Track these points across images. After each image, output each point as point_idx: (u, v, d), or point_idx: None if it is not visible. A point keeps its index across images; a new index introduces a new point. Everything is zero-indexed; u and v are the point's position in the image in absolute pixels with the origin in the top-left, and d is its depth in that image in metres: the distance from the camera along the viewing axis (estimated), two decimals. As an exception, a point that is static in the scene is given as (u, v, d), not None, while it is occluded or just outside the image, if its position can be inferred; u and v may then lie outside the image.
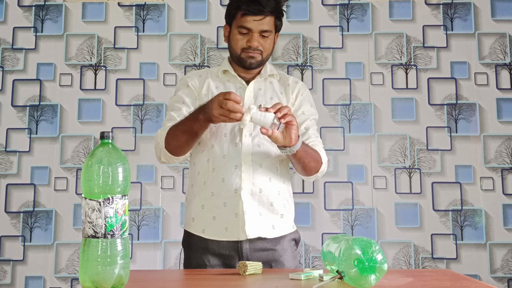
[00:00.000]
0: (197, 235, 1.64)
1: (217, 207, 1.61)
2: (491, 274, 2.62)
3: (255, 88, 1.72)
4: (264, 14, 1.63)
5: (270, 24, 1.66)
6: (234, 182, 1.60)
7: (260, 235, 1.60)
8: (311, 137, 1.70)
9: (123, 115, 2.75)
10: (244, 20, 1.64)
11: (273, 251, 1.62)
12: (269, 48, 1.69)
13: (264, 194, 1.62)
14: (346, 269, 1.03)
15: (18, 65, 2.77)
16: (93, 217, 1.04)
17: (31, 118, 2.74)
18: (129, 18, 2.82)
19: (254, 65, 1.68)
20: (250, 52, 1.66)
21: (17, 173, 2.69)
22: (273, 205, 1.63)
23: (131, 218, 2.67)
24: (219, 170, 1.62)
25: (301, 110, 1.73)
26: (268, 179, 1.64)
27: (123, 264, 1.04)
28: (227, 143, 1.63)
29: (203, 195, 1.65)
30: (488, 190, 2.68)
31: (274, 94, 1.72)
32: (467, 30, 2.79)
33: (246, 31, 1.65)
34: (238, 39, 1.67)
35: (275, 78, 1.77)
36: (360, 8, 2.82)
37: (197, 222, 1.65)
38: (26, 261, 2.64)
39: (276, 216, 1.64)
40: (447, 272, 1.36)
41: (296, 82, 1.79)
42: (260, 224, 1.60)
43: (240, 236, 1.58)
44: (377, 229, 2.66)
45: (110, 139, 1.08)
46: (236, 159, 1.61)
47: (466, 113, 2.73)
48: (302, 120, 1.72)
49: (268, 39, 1.67)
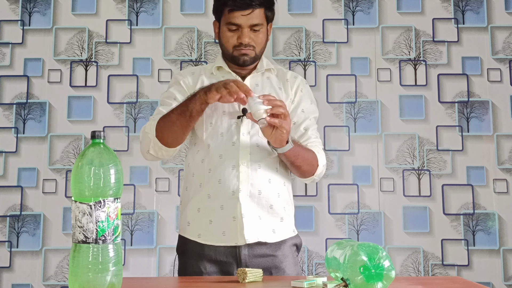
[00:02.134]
0: (192, 240, 1.64)
1: (214, 210, 1.61)
2: (505, 281, 2.63)
3: (251, 84, 1.71)
4: (252, 7, 1.62)
5: (260, 17, 1.65)
6: (231, 183, 1.60)
7: (260, 239, 1.59)
8: (310, 138, 1.70)
9: (115, 113, 2.75)
10: (232, 16, 1.63)
11: (273, 257, 1.62)
12: (262, 42, 1.69)
13: (264, 196, 1.62)
14: (351, 276, 1.03)
15: (4, 61, 2.77)
16: (83, 222, 1.04)
17: (18, 117, 2.74)
18: (121, 11, 2.82)
19: (248, 62, 1.69)
20: (242, 49, 1.65)
21: (3, 175, 2.70)
22: (273, 208, 1.63)
23: (124, 223, 2.67)
24: (215, 171, 1.62)
25: (301, 108, 1.73)
26: (267, 180, 1.63)
27: (115, 271, 1.04)
28: (223, 142, 1.63)
29: (198, 197, 1.64)
30: (502, 192, 2.69)
31: (272, 90, 1.72)
32: (479, 23, 2.80)
33: (235, 27, 1.65)
34: (228, 37, 1.67)
35: (273, 73, 1.77)
36: (366, 0, 2.82)
37: (193, 226, 1.65)
38: (13, 268, 2.64)
39: (276, 220, 1.64)
40: (458, 280, 1.36)
41: (295, 77, 1.79)
42: (259, 227, 1.60)
43: (238, 240, 1.58)
44: (384, 234, 2.67)
45: (102, 138, 1.08)
46: (233, 159, 1.61)
47: (478, 111, 2.74)
48: (302, 119, 1.72)
49: (260, 32, 1.67)
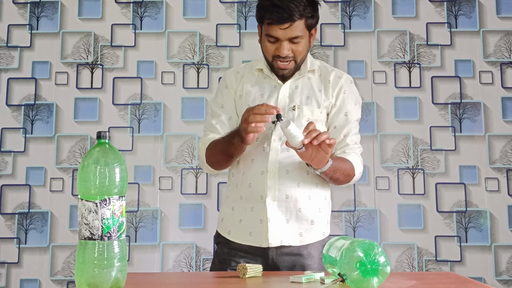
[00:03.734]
0: (223, 236, 1.66)
1: (245, 210, 1.61)
2: (496, 277, 2.62)
3: (291, 87, 1.64)
4: (291, 21, 1.51)
5: (300, 29, 1.54)
6: (260, 188, 1.58)
7: (283, 243, 1.57)
8: (349, 145, 1.64)
9: (120, 114, 2.75)
10: (271, 28, 1.54)
11: (299, 256, 1.59)
12: (303, 51, 1.59)
13: (291, 201, 1.59)
14: (348, 271, 1.03)
15: (13, 63, 2.77)
16: (89, 219, 1.04)
17: (26, 118, 2.74)
18: (126, 15, 2.82)
19: (288, 74, 1.62)
20: (281, 62, 1.58)
21: (12, 174, 2.69)
22: (301, 211, 1.59)
23: (128, 220, 2.67)
24: (247, 175, 1.62)
25: (344, 111, 1.64)
26: (296, 184, 1.60)
27: (120, 266, 1.04)
28: (256, 147, 1.60)
29: (234, 197, 1.65)
30: (493, 191, 2.68)
31: (312, 93, 1.64)
32: (471, 27, 2.79)
33: (274, 39, 1.56)
34: (267, 46, 1.59)
35: (316, 74, 1.68)
36: (362, 5, 2.82)
37: (225, 223, 1.66)
38: (21, 263, 2.64)
39: (306, 223, 1.60)
40: (451, 275, 1.36)
41: (338, 77, 1.67)
42: (285, 231, 1.58)
43: (262, 243, 1.57)
44: (380, 231, 2.66)
45: (107, 139, 1.08)
46: (262, 164, 1.59)
47: (470, 112, 2.73)
48: (343, 125, 1.64)
49: (300, 44, 1.57)
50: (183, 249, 2.66)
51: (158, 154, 2.71)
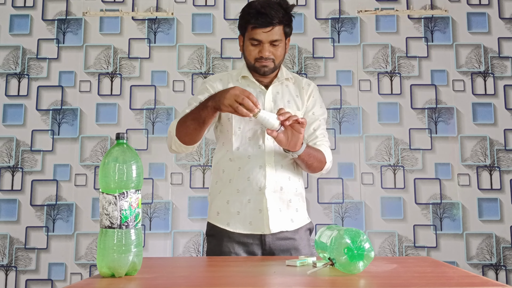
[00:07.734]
0: (222, 228, 1.62)
1: (242, 203, 1.60)
2: (467, 261, 2.62)
3: (273, 92, 1.68)
4: (273, 25, 1.58)
5: (279, 33, 1.61)
6: (259, 181, 1.59)
7: (282, 229, 1.59)
8: (318, 137, 1.67)
9: (137, 118, 2.75)
10: (254, 32, 1.59)
11: (292, 240, 1.61)
12: (281, 55, 1.65)
13: (285, 192, 1.61)
14: (337, 256, 1.03)
15: (42, 73, 2.77)
16: (109, 210, 1.04)
17: (53, 121, 2.74)
18: (142, 31, 2.82)
19: (268, 72, 1.65)
20: (263, 61, 1.62)
21: (41, 170, 2.69)
22: (291, 201, 1.62)
23: (143, 211, 2.67)
24: (244, 169, 1.60)
25: (312, 111, 1.70)
26: (287, 177, 1.62)
27: (137, 252, 1.04)
28: (251, 145, 1.62)
29: (228, 191, 1.63)
30: (465, 185, 2.68)
31: (291, 98, 1.68)
32: (445, 41, 2.79)
33: (257, 42, 1.61)
34: (250, 50, 1.63)
35: (290, 81, 1.72)
36: (349, 22, 2.81)
37: (222, 216, 1.63)
38: (49, 249, 2.64)
39: (293, 211, 1.63)
40: (428, 259, 1.36)
41: (308, 84, 1.74)
42: (281, 219, 1.60)
43: (264, 230, 1.58)
44: (365, 221, 2.66)
45: (125, 139, 1.08)
46: (260, 160, 1.60)
47: (445, 116, 2.73)
48: (312, 121, 1.69)
49: (279, 47, 1.62)
50: (192, 236, 2.65)
51: (170, 153, 2.70)
